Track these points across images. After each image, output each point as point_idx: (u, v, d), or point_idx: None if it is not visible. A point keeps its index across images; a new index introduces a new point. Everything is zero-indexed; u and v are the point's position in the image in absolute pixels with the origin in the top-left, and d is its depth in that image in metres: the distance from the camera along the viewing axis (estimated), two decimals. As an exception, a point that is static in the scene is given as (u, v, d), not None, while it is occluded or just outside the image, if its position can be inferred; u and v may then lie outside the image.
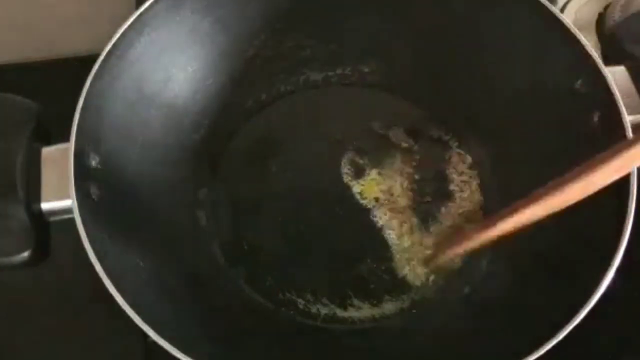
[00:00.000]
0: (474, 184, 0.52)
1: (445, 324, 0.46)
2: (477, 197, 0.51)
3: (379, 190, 0.51)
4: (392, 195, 0.51)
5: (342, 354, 0.46)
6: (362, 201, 0.51)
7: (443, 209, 0.51)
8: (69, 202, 0.36)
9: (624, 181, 0.39)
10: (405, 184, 0.52)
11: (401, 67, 0.54)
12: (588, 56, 0.42)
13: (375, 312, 0.48)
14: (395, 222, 0.50)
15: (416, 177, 0.52)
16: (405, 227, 0.50)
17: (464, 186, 0.52)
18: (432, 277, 0.49)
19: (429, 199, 0.51)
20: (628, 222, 0.37)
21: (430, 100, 0.54)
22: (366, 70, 0.55)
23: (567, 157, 0.45)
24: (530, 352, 0.35)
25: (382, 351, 0.46)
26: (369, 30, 0.52)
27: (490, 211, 0.50)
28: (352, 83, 0.55)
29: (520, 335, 0.39)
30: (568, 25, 0.43)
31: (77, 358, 0.49)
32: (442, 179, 0.52)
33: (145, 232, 0.44)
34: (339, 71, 0.55)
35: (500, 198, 0.50)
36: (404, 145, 0.53)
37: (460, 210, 0.51)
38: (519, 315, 0.42)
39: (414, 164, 0.52)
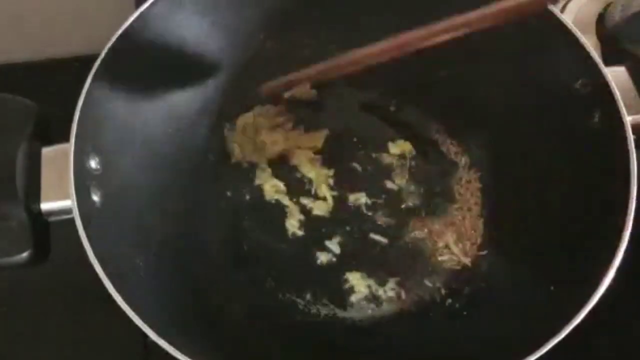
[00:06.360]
0: (474, 184, 0.52)
1: (445, 324, 0.46)
2: (478, 196, 0.51)
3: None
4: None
5: (342, 354, 0.46)
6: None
7: (444, 209, 0.51)
8: (68, 202, 0.36)
9: (624, 181, 0.39)
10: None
11: (401, 67, 0.53)
12: (588, 56, 0.42)
13: (375, 312, 0.48)
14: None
15: (417, 178, 0.52)
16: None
17: (464, 186, 0.52)
18: (432, 278, 0.49)
19: (429, 199, 0.51)
20: (628, 222, 0.37)
21: (430, 100, 0.54)
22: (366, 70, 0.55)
23: (568, 157, 0.45)
24: (530, 352, 0.35)
25: (382, 351, 0.46)
26: (369, 30, 0.52)
27: (490, 211, 0.51)
28: (352, 83, 0.55)
29: (520, 336, 0.39)
30: (568, 26, 0.43)
31: (77, 358, 0.49)
32: (443, 179, 0.52)
33: (145, 232, 0.44)
34: (338, 71, 0.55)
35: (500, 198, 0.51)
36: (404, 145, 0.53)
37: (461, 210, 0.51)
38: (519, 315, 0.42)
39: (414, 164, 0.53)
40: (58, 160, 0.38)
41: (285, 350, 0.45)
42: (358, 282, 0.48)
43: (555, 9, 0.43)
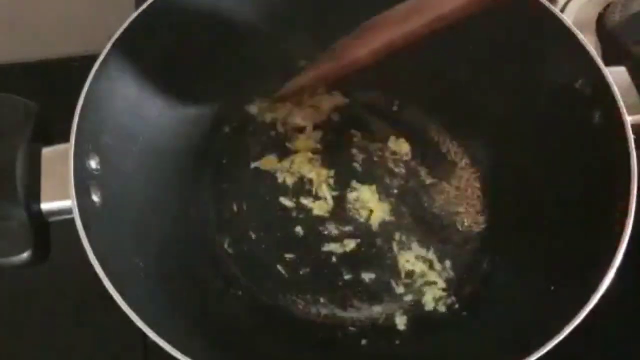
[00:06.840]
0: (475, 184, 0.52)
1: (445, 324, 0.46)
2: (478, 196, 0.51)
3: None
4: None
5: (341, 354, 0.46)
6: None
7: (444, 210, 0.51)
8: (68, 202, 0.36)
9: (625, 181, 0.39)
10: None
11: (401, 68, 0.54)
12: (588, 56, 0.42)
13: (375, 312, 0.48)
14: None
15: (417, 178, 0.52)
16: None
17: (465, 186, 0.52)
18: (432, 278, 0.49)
19: (429, 199, 0.51)
20: (628, 222, 0.37)
21: (430, 100, 0.54)
22: (366, 70, 0.55)
23: (568, 157, 0.45)
24: (530, 352, 0.35)
25: (381, 351, 0.46)
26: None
27: (490, 211, 0.51)
28: (353, 83, 0.55)
29: (520, 336, 0.39)
30: (568, 25, 0.43)
31: (77, 358, 0.49)
32: (443, 180, 0.52)
33: (145, 232, 0.44)
34: (338, 71, 0.55)
35: (500, 197, 0.51)
36: (405, 145, 0.53)
37: (462, 211, 0.51)
38: (519, 316, 0.42)
39: (414, 165, 0.53)
40: (58, 160, 0.38)
41: (286, 350, 0.45)
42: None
43: (555, 9, 0.43)
